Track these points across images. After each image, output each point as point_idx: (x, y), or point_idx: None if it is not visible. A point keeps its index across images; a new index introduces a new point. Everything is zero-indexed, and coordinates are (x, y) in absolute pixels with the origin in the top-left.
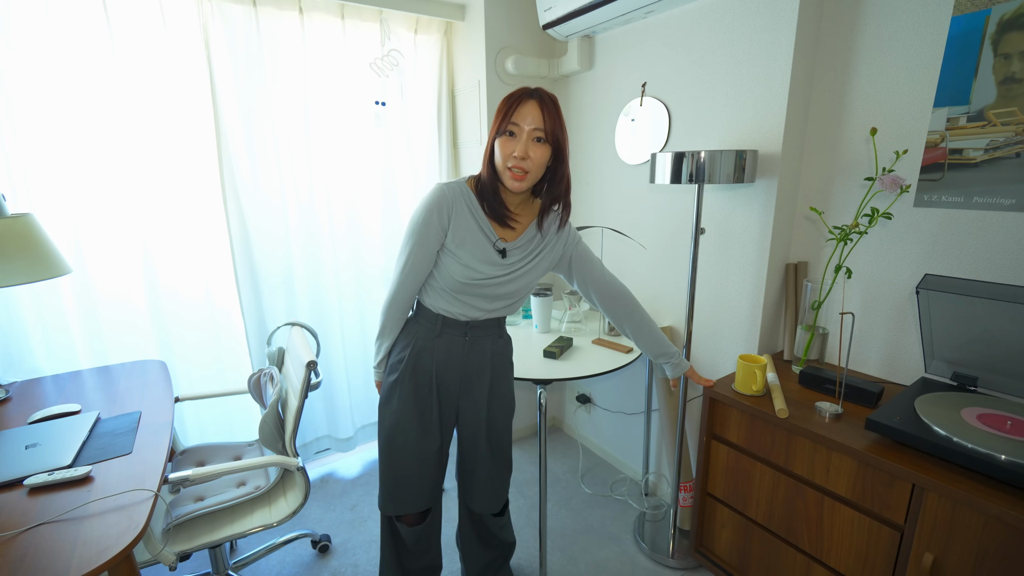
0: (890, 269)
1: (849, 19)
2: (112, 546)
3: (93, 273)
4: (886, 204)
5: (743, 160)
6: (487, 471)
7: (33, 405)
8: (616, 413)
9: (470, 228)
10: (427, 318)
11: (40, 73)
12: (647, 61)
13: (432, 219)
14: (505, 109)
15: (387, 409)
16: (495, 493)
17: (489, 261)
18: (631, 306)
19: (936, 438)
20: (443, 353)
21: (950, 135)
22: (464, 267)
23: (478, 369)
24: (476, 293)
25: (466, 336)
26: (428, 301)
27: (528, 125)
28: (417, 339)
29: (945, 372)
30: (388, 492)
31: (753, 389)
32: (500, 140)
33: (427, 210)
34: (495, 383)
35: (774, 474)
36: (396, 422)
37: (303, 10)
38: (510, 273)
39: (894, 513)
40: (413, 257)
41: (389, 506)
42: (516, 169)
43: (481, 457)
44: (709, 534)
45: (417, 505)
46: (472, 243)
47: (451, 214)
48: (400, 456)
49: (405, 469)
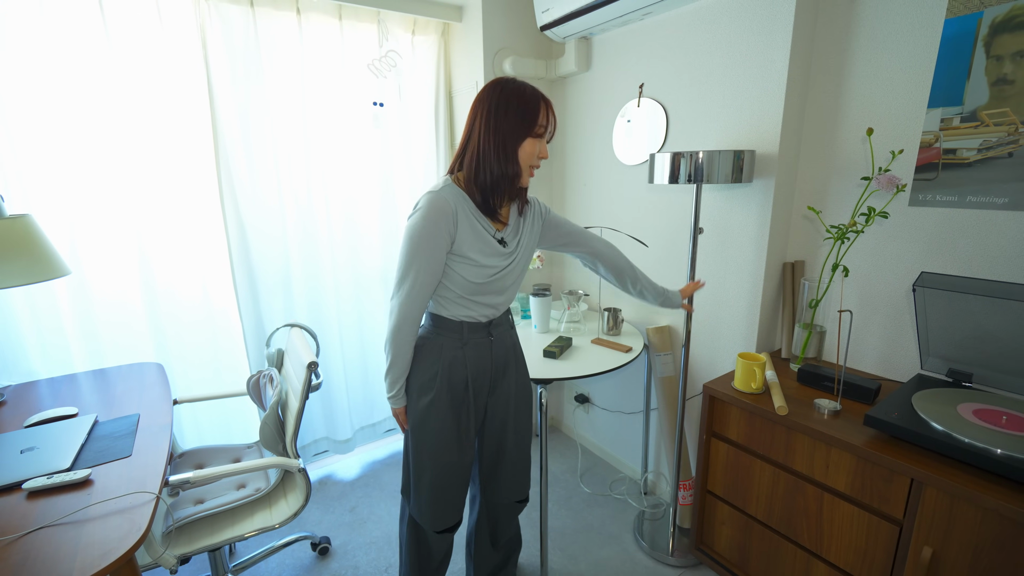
0: (886, 267)
1: (844, 22)
2: (115, 549)
3: (89, 274)
4: (882, 203)
5: (741, 160)
6: (515, 457)
7: (29, 408)
8: (615, 412)
9: (474, 228)
10: (449, 329)
11: (36, 74)
12: (644, 62)
13: (440, 229)
14: (539, 111)
15: (424, 430)
16: (522, 477)
17: (496, 254)
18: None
19: (934, 433)
20: (474, 359)
21: (944, 135)
22: (477, 267)
23: (503, 364)
24: (490, 290)
25: (491, 336)
26: (446, 312)
27: (551, 129)
28: (444, 353)
29: (940, 369)
30: (430, 509)
31: (752, 387)
32: (531, 141)
33: (432, 221)
34: (518, 372)
35: (774, 471)
36: (437, 442)
37: (300, 11)
38: (513, 260)
39: (893, 508)
40: (424, 273)
41: (435, 523)
42: (535, 167)
43: (508, 447)
44: (709, 531)
45: (457, 516)
46: (479, 242)
47: (456, 219)
48: (443, 474)
49: (449, 486)
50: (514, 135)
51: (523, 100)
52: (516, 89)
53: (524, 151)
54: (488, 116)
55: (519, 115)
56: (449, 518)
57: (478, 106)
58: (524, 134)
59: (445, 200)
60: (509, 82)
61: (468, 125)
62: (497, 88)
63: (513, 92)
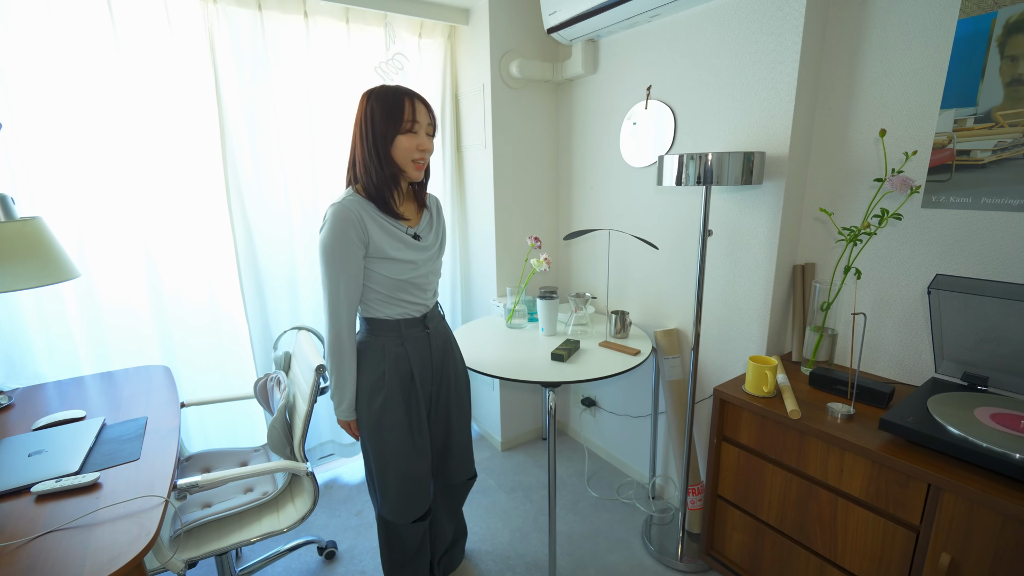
0: (898, 270)
1: (855, 22)
2: (124, 553)
3: (96, 277)
4: (894, 205)
5: (751, 162)
6: (460, 440)
7: (36, 411)
8: (622, 416)
9: (384, 229)
10: (387, 328)
11: (45, 77)
12: (652, 64)
13: (350, 236)
14: (403, 108)
15: (382, 429)
16: (468, 456)
17: (412, 247)
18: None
19: (951, 438)
20: (415, 353)
21: (957, 136)
22: (397, 263)
23: (442, 354)
24: (416, 283)
25: (427, 328)
26: (380, 314)
27: (424, 121)
28: (386, 352)
29: (955, 372)
30: (399, 504)
31: (764, 391)
32: (404, 137)
33: (341, 231)
34: (456, 360)
35: (786, 475)
36: (394, 440)
37: (308, 14)
38: (430, 252)
39: (909, 513)
40: (345, 278)
41: (407, 515)
42: (420, 161)
43: (454, 431)
44: (720, 537)
45: (426, 503)
46: (392, 241)
47: (363, 225)
48: (406, 468)
49: (414, 477)
50: (383, 137)
51: (387, 102)
52: (381, 93)
53: (399, 149)
54: (362, 125)
55: (385, 116)
56: (419, 507)
57: (357, 117)
58: (393, 133)
59: (348, 209)
60: (377, 89)
61: (352, 137)
62: (366, 97)
63: (379, 96)
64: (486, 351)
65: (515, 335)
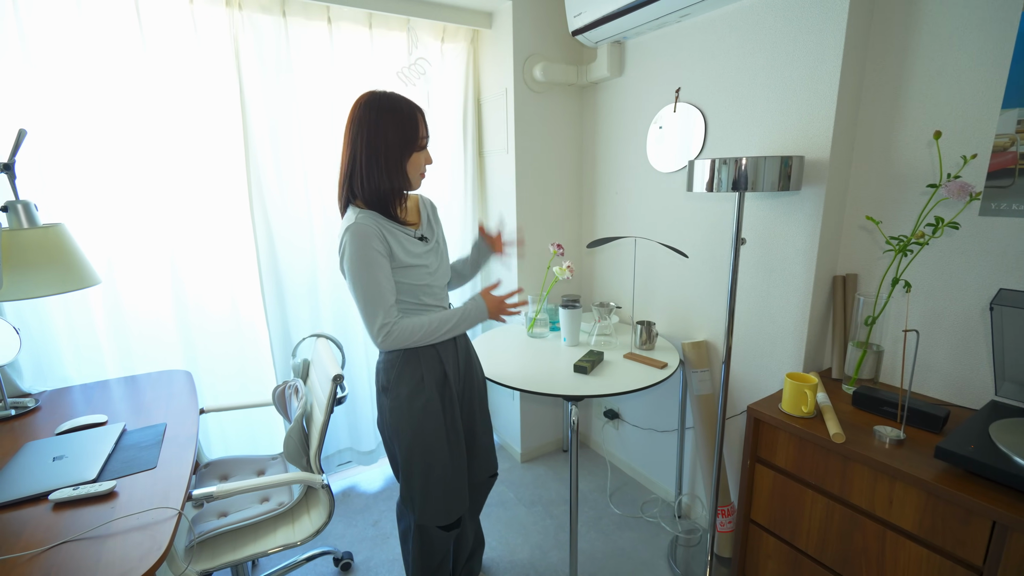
0: (952, 283)
1: (903, 17)
2: (135, 568)
3: (122, 285)
4: (949, 213)
5: (789, 167)
6: (484, 438)
7: (62, 415)
8: (646, 430)
9: (397, 238)
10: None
11: (72, 84)
12: (681, 66)
13: (376, 249)
14: (418, 124)
15: (425, 431)
16: (492, 455)
17: (424, 251)
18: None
19: (1018, 470)
20: (446, 354)
21: (1021, 139)
22: (414, 269)
23: (467, 354)
24: (435, 283)
25: None
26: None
27: (428, 137)
28: (421, 357)
29: (1018, 395)
30: (442, 504)
31: (803, 411)
32: (418, 154)
33: (366, 247)
34: (476, 361)
35: (827, 503)
36: (438, 440)
37: (331, 20)
38: (439, 251)
39: (970, 553)
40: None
41: (448, 516)
42: (424, 173)
43: (478, 430)
44: (752, 564)
45: (465, 504)
46: (409, 246)
47: (382, 236)
48: (450, 467)
49: (455, 476)
50: (398, 150)
51: (401, 117)
52: (389, 106)
53: (413, 165)
54: (367, 135)
55: (401, 132)
56: (459, 508)
57: (356, 127)
58: (411, 151)
59: (366, 225)
60: (377, 99)
61: (349, 148)
62: (366, 106)
63: (389, 109)
64: (507, 361)
65: (536, 345)
